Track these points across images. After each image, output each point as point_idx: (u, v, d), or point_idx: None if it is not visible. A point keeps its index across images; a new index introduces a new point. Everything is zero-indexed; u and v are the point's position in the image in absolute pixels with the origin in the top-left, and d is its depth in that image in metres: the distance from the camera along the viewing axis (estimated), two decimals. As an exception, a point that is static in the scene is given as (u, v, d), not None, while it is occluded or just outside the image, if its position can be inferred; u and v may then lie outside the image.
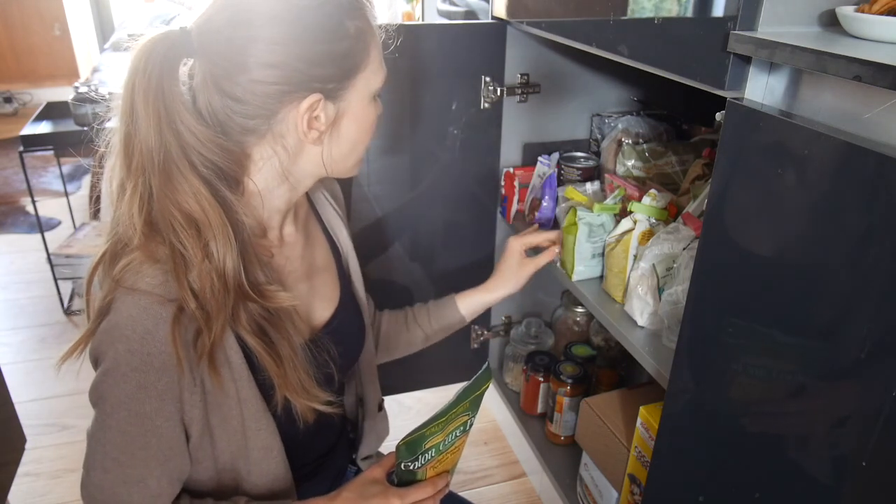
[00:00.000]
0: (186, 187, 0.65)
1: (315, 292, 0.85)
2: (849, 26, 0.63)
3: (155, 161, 0.64)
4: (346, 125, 0.73)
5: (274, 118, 0.69)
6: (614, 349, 1.51)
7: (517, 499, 1.57)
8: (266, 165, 0.72)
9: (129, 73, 0.64)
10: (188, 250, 0.64)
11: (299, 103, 0.68)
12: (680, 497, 0.84)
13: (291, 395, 0.73)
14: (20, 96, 4.40)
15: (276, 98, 0.67)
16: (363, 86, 0.72)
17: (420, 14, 1.98)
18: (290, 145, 0.72)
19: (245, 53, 0.65)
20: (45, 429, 1.76)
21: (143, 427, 0.67)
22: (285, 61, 0.66)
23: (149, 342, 0.64)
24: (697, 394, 0.79)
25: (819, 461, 0.62)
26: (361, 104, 0.73)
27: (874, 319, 0.54)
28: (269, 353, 0.70)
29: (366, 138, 0.77)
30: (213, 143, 0.67)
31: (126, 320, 0.64)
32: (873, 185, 0.52)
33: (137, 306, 0.64)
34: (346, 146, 0.75)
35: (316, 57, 0.67)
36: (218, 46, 0.66)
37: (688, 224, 0.99)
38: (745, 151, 0.65)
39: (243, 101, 0.67)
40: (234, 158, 0.69)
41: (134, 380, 0.65)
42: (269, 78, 0.66)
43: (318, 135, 0.71)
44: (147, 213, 0.66)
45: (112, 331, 0.65)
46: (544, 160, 1.33)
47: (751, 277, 0.67)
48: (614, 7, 0.86)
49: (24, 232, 2.85)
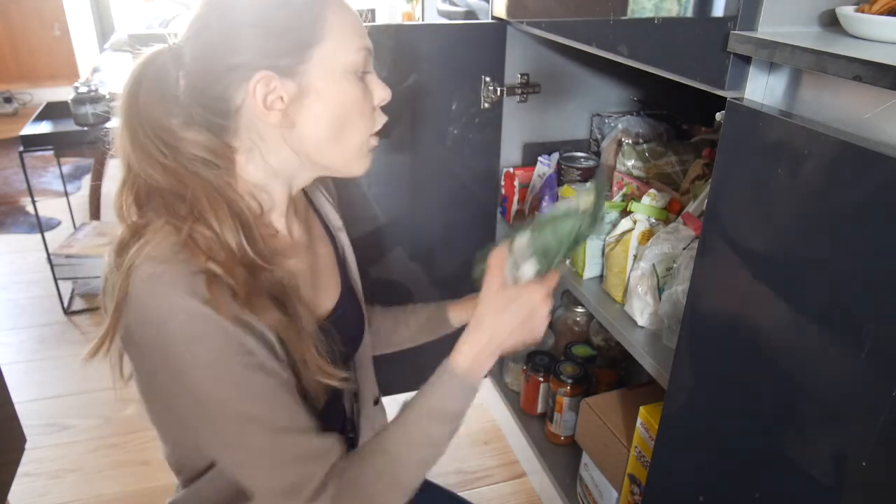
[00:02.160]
0: (160, 169, 0.68)
1: (319, 285, 0.86)
2: (849, 26, 0.63)
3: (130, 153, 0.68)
4: (313, 104, 0.70)
5: (237, 105, 0.70)
6: (614, 349, 1.51)
7: (517, 499, 1.57)
8: (250, 159, 0.73)
9: (123, 87, 0.69)
10: (184, 222, 0.66)
11: (249, 83, 0.68)
12: (680, 497, 0.84)
13: (314, 372, 0.73)
14: (20, 96, 4.40)
15: (234, 83, 0.68)
16: (326, 60, 0.70)
17: (420, 14, 1.98)
18: (264, 133, 0.71)
19: (210, 48, 0.68)
20: (45, 429, 1.76)
21: (262, 380, 0.65)
22: (238, 45, 0.68)
23: (197, 306, 0.62)
24: (697, 394, 0.79)
25: (819, 461, 0.62)
26: (330, 81, 0.70)
27: (874, 319, 0.54)
28: (291, 328, 0.70)
29: (351, 122, 0.73)
30: (196, 142, 0.69)
31: (161, 298, 0.62)
32: (873, 185, 0.52)
33: (171, 281, 0.63)
34: (321, 129, 0.72)
35: (261, 33, 0.68)
36: (194, 50, 0.69)
37: (688, 224, 0.99)
38: (745, 151, 0.65)
39: (212, 95, 0.69)
40: (219, 154, 0.71)
41: (207, 343, 0.63)
42: (226, 64, 0.68)
43: (281, 115, 0.70)
44: (137, 198, 0.69)
45: (155, 312, 0.63)
46: (544, 160, 1.33)
47: (751, 277, 0.67)
48: (614, 7, 0.86)
49: (24, 232, 2.85)
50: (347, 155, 0.75)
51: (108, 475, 1.62)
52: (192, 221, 0.66)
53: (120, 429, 1.75)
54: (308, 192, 0.92)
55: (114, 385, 0.71)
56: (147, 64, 0.70)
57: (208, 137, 0.70)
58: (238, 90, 0.69)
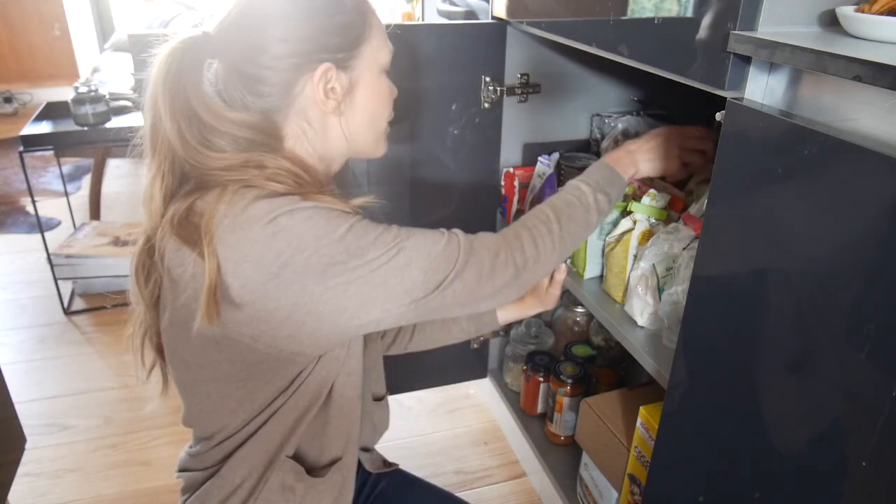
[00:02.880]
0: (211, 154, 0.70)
1: None
2: (849, 26, 0.63)
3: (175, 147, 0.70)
4: (361, 94, 0.78)
5: (292, 93, 0.74)
6: (614, 349, 1.51)
7: (517, 499, 1.57)
8: (297, 144, 0.78)
9: (153, 74, 0.70)
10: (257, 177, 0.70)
11: (312, 74, 0.74)
12: (680, 497, 0.84)
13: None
14: (20, 96, 4.40)
15: (292, 72, 0.73)
16: (371, 56, 0.78)
17: (420, 14, 1.98)
18: (314, 119, 0.77)
19: (258, 37, 0.72)
20: (45, 429, 1.76)
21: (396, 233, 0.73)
22: (294, 35, 0.72)
23: (300, 202, 0.68)
24: (697, 394, 0.79)
25: (819, 461, 0.62)
26: (372, 75, 0.79)
27: (874, 319, 0.54)
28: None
29: (382, 111, 0.83)
30: (242, 122, 0.72)
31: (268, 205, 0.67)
32: (873, 185, 0.52)
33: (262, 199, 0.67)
34: (365, 116, 0.80)
35: (322, 28, 0.73)
36: (235, 39, 0.73)
37: (688, 224, 0.99)
38: (745, 151, 0.65)
39: (263, 81, 0.73)
40: (269, 133, 0.74)
41: (339, 221, 0.69)
42: (282, 52, 0.72)
43: (336, 104, 0.76)
44: (168, 193, 0.72)
45: (268, 216, 0.66)
46: (544, 160, 1.33)
47: (750, 277, 0.67)
48: (614, 7, 0.86)
49: (24, 232, 2.85)
50: (376, 139, 0.84)
51: (108, 475, 1.62)
52: (267, 173, 0.70)
53: (120, 429, 1.75)
54: None
55: (136, 371, 0.78)
56: (184, 49, 0.71)
57: (257, 118, 0.74)
58: (298, 79, 0.74)
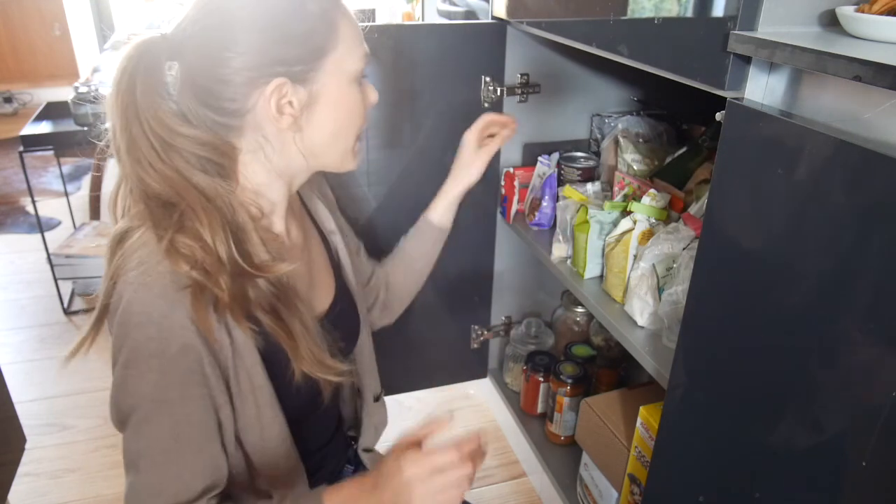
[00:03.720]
0: (155, 175, 0.67)
1: (314, 285, 0.86)
2: (849, 26, 0.63)
3: (124, 154, 0.67)
4: (323, 108, 0.72)
5: (247, 108, 0.69)
6: (614, 349, 1.51)
7: (517, 499, 1.57)
8: (255, 159, 0.73)
9: (113, 76, 0.67)
10: (167, 231, 0.65)
11: (265, 89, 0.68)
12: (680, 497, 0.84)
13: (307, 368, 0.73)
14: (20, 96, 4.39)
15: (246, 86, 0.68)
16: (336, 67, 0.71)
17: (420, 14, 1.98)
18: (270, 135, 0.72)
19: (215, 46, 0.67)
20: (45, 429, 1.76)
21: (173, 416, 0.67)
22: (249, 48, 0.66)
23: (166, 327, 0.64)
24: (697, 394, 0.79)
25: (819, 461, 0.62)
26: (339, 86, 0.72)
27: (874, 319, 0.54)
28: (281, 328, 0.71)
29: (350, 124, 0.76)
30: (195, 139, 0.68)
31: (140, 307, 0.64)
32: (873, 185, 0.52)
33: (151, 293, 0.64)
34: (327, 131, 0.74)
35: (277, 39, 0.67)
36: (193, 44, 0.67)
37: (688, 224, 0.99)
38: (745, 151, 0.65)
39: (216, 95, 0.68)
40: (222, 152, 0.70)
41: (155, 367, 0.65)
42: (235, 66, 0.66)
43: (292, 120, 0.70)
44: (126, 199, 0.69)
45: (128, 321, 0.65)
46: (544, 160, 1.33)
47: (750, 277, 0.67)
48: (614, 7, 0.86)
49: (24, 232, 2.85)
50: (343, 153, 0.78)
51: (108, 475, 1.62)
52: (174, 231, 0.65)
53: (120, 429, 1.75)
54: (302, 195, 0.93)
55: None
56: (140, 53, 0.67)
57: (210, 135, 0.69)
58: (250, 94, 0.68)
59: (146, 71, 0.67)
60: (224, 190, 0.69)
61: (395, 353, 1.56)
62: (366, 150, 1.32)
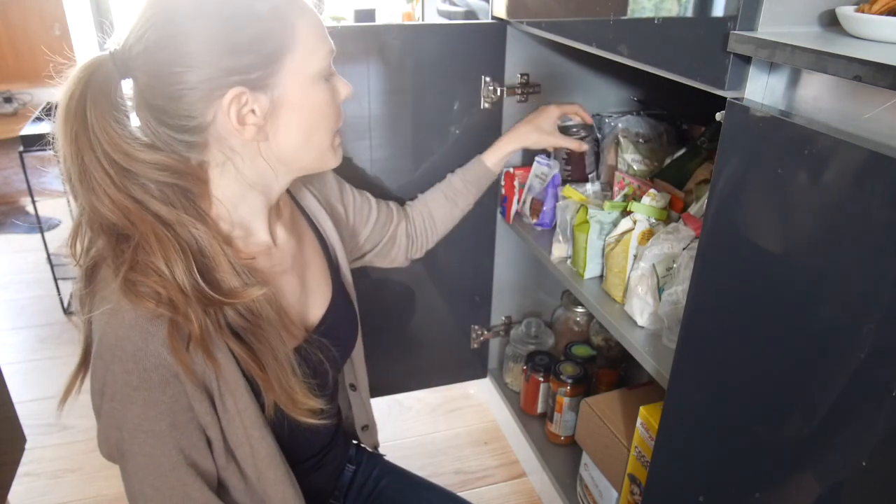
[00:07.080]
0: (109, 204, 0.63)
1: (309, 288, 0.85)
2: (849, 26, 0.63)
3: (76, 182, 0.64)
4: (288, 114, 0.69)
5: (206, 122, 0.66)
6: (614, 349, 1.51)
7: (517, 499, 1.57)
8: (224, 173, 0.70)
9: (60, 102, 0.63)
10: (121, 268, 0.63)
11: (222, 101, 0.65)
12: (680, 497, 0.84)
13: (280, 403, 0.72)
14: (20, 96, 4.39)
15: (201, 101, 0.64)
16: (298, 67, 0.67)
17: (420, 14, 1.97)
18: (237, 147, 0.69)
19: (163, 63, 0.63)
20: (45, 429, 1.76)
21: (165, 446, 0.66)
22: (198, 60, 0.63)
23: (142, 358, 0.62)
24: (697, 394, 0.79)
25: (819, 461, 0.62)
26: (303, 87, 0.69)
27: (874, 319, 0.54)
28: (252, 360, 0.68)
29: (322, 123, 0.73)
30: (156, 164, 0.65)
31: (114, 341, 0.62)
32: (873, 185, 0.52)
33: (123, 325, 0.62)
34: (297, 135, 0.71)
35: (228, 48, 0.63)
36: (142, 61, 0.64)
37: (688, 224, 0.99)
38: (745, 151, 0.65)
39: (173, 113, 0.65)
40: (186, 174, 0.67)
41: (139, 399, 0.64)
42: (187, 81, 0.63)
43: (257, 129, 0.67)
44: (85, 236, 0.66)
45: (104, 355, 0.63)
46: (542, 160, 1.32)
47: (751, 277, 0.67)
48: (614, 7, 0.86)
49: (24, 232, 2.85)
50: (320, 153, 0.75)
51: (108, 475, 1.62)
52: (127, 268, 0.62)
53: (120, 429, 1.75)
54: (294, 193, 0.90)
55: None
56: (88, 76, 0.63)
57: (172, 158, 0.66)
58: (208, 107, 0.65)
59: (97, 94, 0.63)
60: (187, 216, 0.66)
61: (395, 353, 1.57)
62: (366, 150, 1.32)
